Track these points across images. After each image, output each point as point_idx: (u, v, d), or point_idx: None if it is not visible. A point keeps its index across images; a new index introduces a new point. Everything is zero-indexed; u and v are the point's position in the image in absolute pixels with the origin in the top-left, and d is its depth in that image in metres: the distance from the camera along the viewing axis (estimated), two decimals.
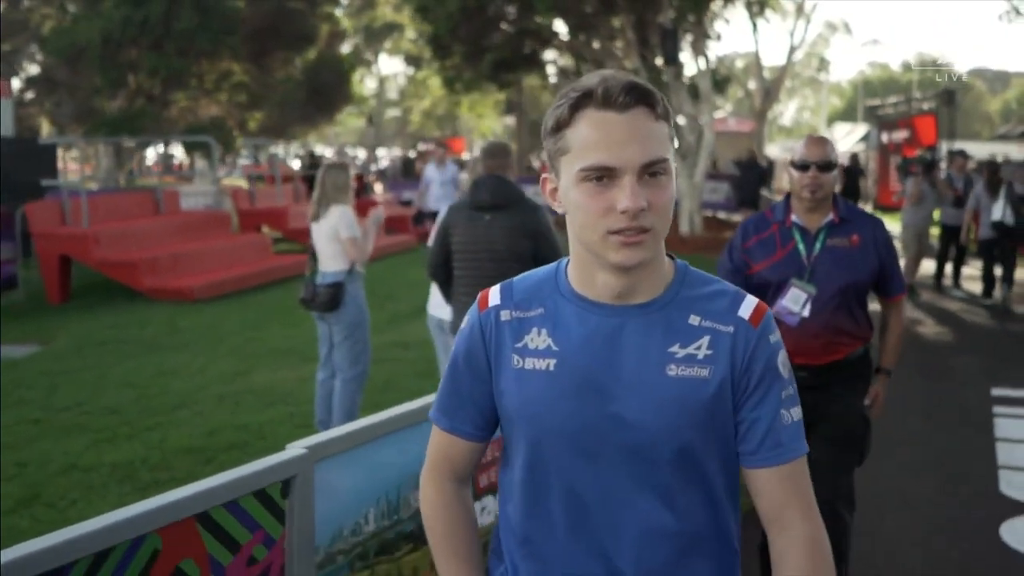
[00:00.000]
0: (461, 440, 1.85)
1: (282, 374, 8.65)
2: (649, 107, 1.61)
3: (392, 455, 3.00)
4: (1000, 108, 71.39)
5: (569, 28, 25.81)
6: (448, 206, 5.71)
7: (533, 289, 1.79)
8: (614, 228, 1.58)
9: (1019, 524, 5.19)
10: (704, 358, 1.67)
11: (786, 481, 1.70)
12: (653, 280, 1.70)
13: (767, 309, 1.74)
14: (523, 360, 1.73)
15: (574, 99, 1.62)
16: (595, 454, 1.68)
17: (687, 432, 1.66)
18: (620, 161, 1.56)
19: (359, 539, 2.92)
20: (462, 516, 1.89)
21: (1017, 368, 8.97)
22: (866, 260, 3.83)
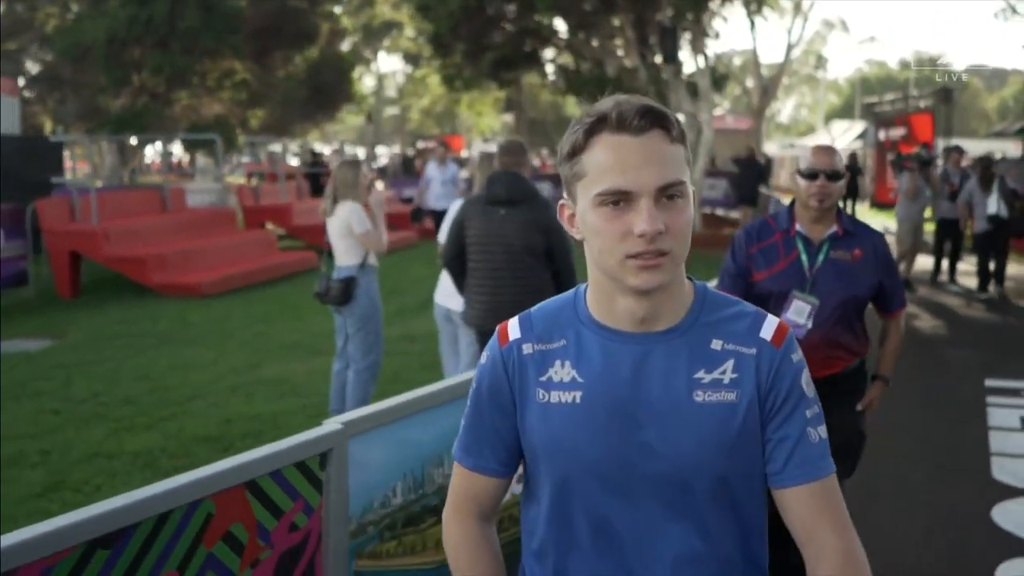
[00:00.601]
0: (486, 478, 1.82)
1: (292, 366, 8.84)
2: (664, 130, 1.60)
3: (417, 433, 3.20)
4: (997, 105, 71.53)
5: (569, 27, 25.98)
6: (464, 200, 5.89)
7: (553, 319, 1.76)
8: (632, 252, 1.57)
9: (1010, 507, 5.39)
10: (730, 382, 1.66)
11: (816, 499, 1.69)
12: (674, 304, 1.68)
13: (788, 329, 1.73)
14: (548, 394, 1.70)
15: (589, 124, 1.61)
16: (625, 485, 1.66)
17: (717, 458, 1.65)
18: (636, 185, 1.56)
19: (388, 511, 3.12)
20: (488, 556, 1.84)
21: (1011, 360, 9.17)
22: (867, 275, 3.81)
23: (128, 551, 2.22)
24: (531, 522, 1.80)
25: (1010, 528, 5.09)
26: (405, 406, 3.12)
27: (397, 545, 3.17)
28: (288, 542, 2.68)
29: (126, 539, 2.21)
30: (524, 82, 35.60)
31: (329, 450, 2.78)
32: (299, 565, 2.72)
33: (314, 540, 2.78)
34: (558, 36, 26.61)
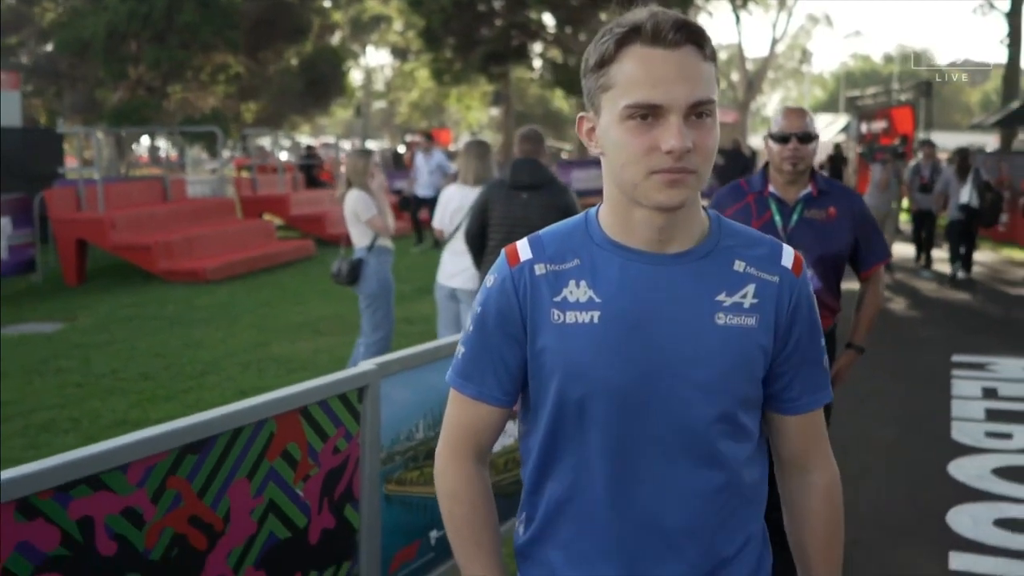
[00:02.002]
0: (488, 407, 1.74)
1: (300, 345, 9.31)
2: (698, 46, 1.54)
3: (437, 378, 3.68)
4: (980, 99, 72.15)
5: (557, 21, 26.45)
6: (486, 185, 6.36)
7: (564, 240, 1.71)
8: (657, 168, 1.52)
9: (964, 463, 5.91)
10: (750, 307, 1.64)
11: (813, 425, 1.75)
12: (691, 226, 1.65)
13: (803, 258, 1.74)
14: (563, 314, 1.64)
15: (620, 34, 1.54)
16: (643, 407, 1.62)
17: (736, 380, 1.64)
18: (668, 99, 1.50)
19: (412, 444, 3.62)
20: (484, 501, 1.78)
21: (976, 337, 9.73)
22: (842, 233, 3.82)
23: (210, 458, 2.71)
24: (536, 453, 1.74)
25: (963, 480, 5.62)
26: (429, 353, 3.62)
27: (419, 475, 3.67)
28: (332, 463, 3.17)
29: (209, 448, 2.70)
30: (512, 76, 36.07)
31: (366, 386, 3.28)
32: (340, 483, 3.21)
33: (352, 463, 3.27)
34: (546, 31, 27.06)
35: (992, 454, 6.08)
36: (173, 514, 2.60)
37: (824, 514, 1.78)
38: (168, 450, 2.58)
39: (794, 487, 1.79)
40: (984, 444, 6.28)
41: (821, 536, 1.78)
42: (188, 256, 13.85)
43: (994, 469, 5.78)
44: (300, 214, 18.16)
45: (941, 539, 4.77)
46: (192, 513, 2.66)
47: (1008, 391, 7.58)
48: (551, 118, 56.30)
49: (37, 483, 2.26)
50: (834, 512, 1.79)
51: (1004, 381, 7.90)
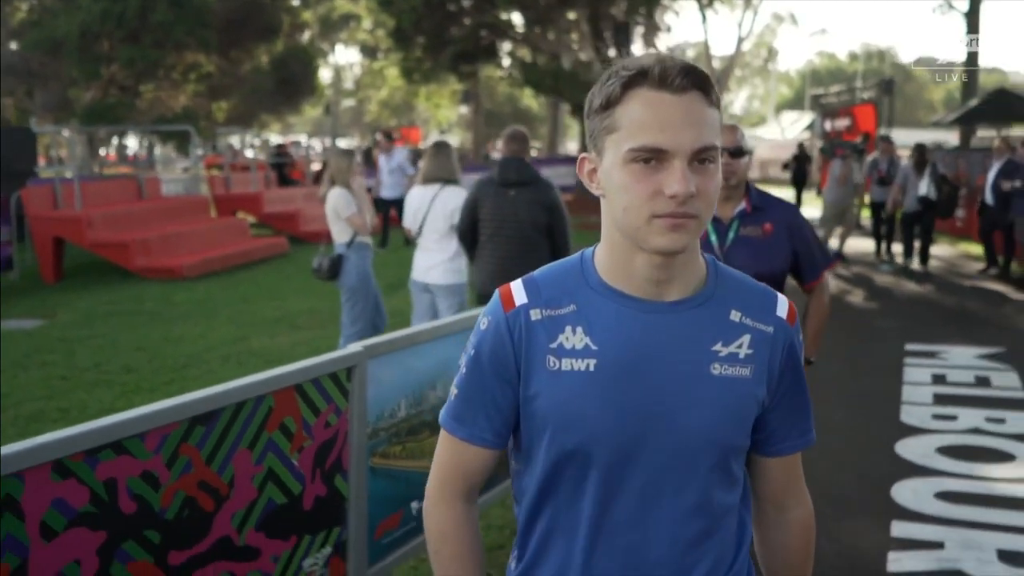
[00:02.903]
0: (478, 449, 1.75)
1: (278, 340, 9.59)
2: (704, 92, 1.56)
3: (418, 361, 4.01)
4: (944, 96, 73.09)
5: (526, 21, 26.76)
6: (475, 183, 6.69)
7: (559, 283, 1.69)
8: (660, 212, 1.52)
9: (910, 442, 6.30)
10: (745, 357, 1.65)
11: (793, 465, 1.80)
12: (690, 273, 1.65)
13: (794, 306, 1.76)
14: (559, 361, 1.64)
15: (627, 77, 1.56)
16: (636, 456, 1.63)
17: (730, 431, 1.65)
18: (673, 144, 1.51)
19: (394, 421, 3.93)
20: (472, 541, 1.79)
21: (930, 327, 10.17)
22: (780, 248, 3.81)
23: (216, 429, 3.01)
24: (530, 496, 1.74)
25: (908, 457, 6.00)
26: (412, 337, 3.94)
27: (401, 450, 3.98)
28: (324, 436, 3.48)
29: (215, 419, 3.00)
30: (482, 75, 36.37)
31: (354, 366, 3.59)
32: (331, 455, 3.52)
33: (342, 437, 3.58)
34: (515, 30, 27.36)
35: (937, 434, 6.46)
36: (184, 478, 2.90)
37: (799, 549, 1.84)
38: (180, 420, 2.88)
39: (770, 523, 1.84)
40: (930, 425, 6.67)
41: (795, 569, 1.85)
42: (165, 253, 14.08)
43: (938, 448, 6.17)
44: (273, 212, 18.44)
45: (885, 510, 5.14)
46: (201, 478, 2.96)
47: (956, 377, 7.99)
48: (520, 116, 56.67)
49: (70, 447, 2.55)
50: (807, 546, 1.85)
51: (953, 368, 8.31)
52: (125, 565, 2.72)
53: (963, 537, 4.78)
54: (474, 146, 38.92)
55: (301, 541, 3.39)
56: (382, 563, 3.91)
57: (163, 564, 2.83)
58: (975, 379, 7.94)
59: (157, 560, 2.81)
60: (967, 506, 5.19)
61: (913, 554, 4.60)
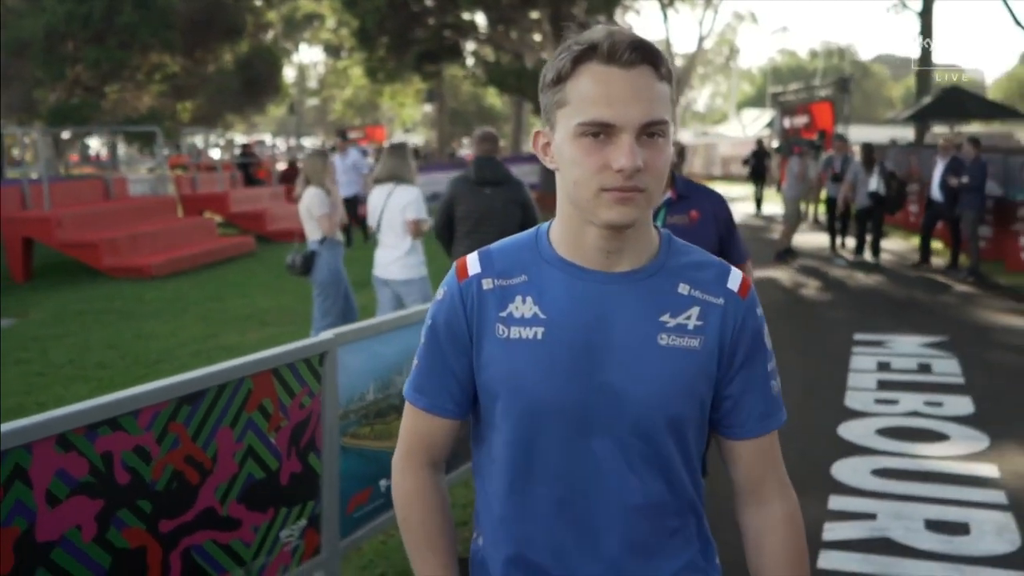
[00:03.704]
0: (440, 419, 1.77)
1: (247, 336, 9.84)
2: (654, 66, 1.55)
3: (386, 348, 4.31)
4: (903, 94, 74.08)
5: (489, 20, 27.03)
6: (450, 181, 6.99)
7: (513, 256, 1.72)
8: (608, 186, 1.53)
9: (852, 425, 6.66)
10: (694, 328, 1.65)
11: (765, 452, 1.74)
12: (641, 245, 1.66)
13: (751, 282, 1.75)
14: (508, 329, 1.66)
15: (577, 52, 1.56)
16: (584, 425, 1.64)
17: (677, 402, 1.64)
18: (621, 118, 1.52)
19: (364, 404, 4.23)
20: (438, 506, 1.81)
21: (877, 317, 10.59)
22: (706, 235, 3.93)
23: (201, 408, 3.29)
24: (484, 465, 1.77)
25: (849, 438, 6.36)
26: (379, 326, 4.23)
27: (370, 431, 4.28)
28: (298, 416, 3.77)
29: (200, 400, 3.29)
30: (446, 74, 36.62)
31: (325, 352, 3.88)
32: (305, 434, 3.81)
33: (315, 418, 3.87)
34: (479, 30, 27.62)
35: (878, 417, 6.84)
36: (173, 453, 3.18)
37: (786, 546, 1.74)
38: (169, 400, 3.16)
39: (752, 518, 1.77)
40: (872, 409, 7.04)
41: (784, 569, 1.74)
42: (133, 253, 14.28)
43: (878, 429, 6.54)
44: (240, 211, 18.66)
45: (824, 486, 5.49)
46: (187, 453, 3.25)
47: (899, 364, 8.38)
48: (484, 115, 56.96)
49: (72, 422, 2.83)
50: (796, 542, 1.75)
51: (897, 356, 8.70)
52: (120, 531, 3.00)
53: (894, 509, 5.14)
54: (439, 144, 39.20)
55: (278, 513, 3.68)
56: (353, 536, 4.20)
57: (154, 531, 3.11)
58: (918, 366, 8.33)
59: (149, 527, 3.09)
60: (900, 481, 5.56)
61: (847, 524, 4.95)
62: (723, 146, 47.64)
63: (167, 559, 3.17)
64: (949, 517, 5.04)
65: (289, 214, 19.46)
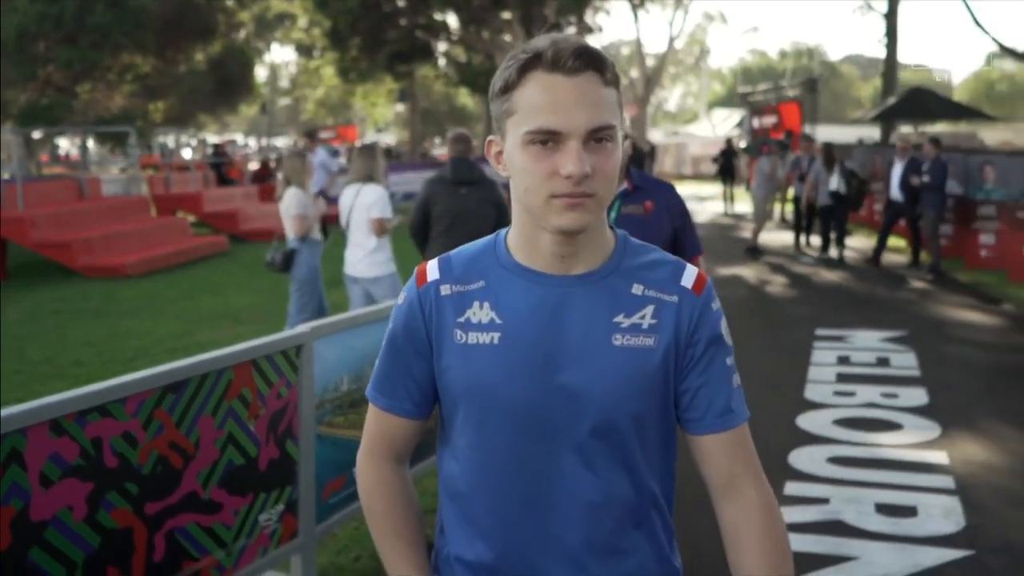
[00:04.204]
0: (400, 419, 1.81)
1: (222, 333, 9.98)
2: (599, 72, 1.58)
3: (359, 341, 4.50)
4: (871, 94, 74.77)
5: (461, 21, 27.23)
6: (426, 182, 7.18)
7: (472, 262, 1.75)
8: (557, 192, 1.56)
9: (811, 415, 6.91)
10: (649, 327, 1.67)
11: (734, 447, 1.72)
12: (595, 248, 1.69)
13: (707, 278, 1.75)
14: (466, 335, 1.69)
15: (523, 61, 1.58)
16: (544, 427, 1.66)
17: (635, 402, 1.66)
18: (566, 125, 1.54)
19: (338, 395, 4.42)
20: (402, 496, 1.85)
21: (839, 313, 10.89)
22: (660, 225, 4.04)
23: (185, 397, 3.48)
24: (446, 466, 1.80)
25: (807, 428, 6.61)
26: (353, 319, 4.43)
27: (344, 420, 4.47)
28: (276, 405, 3.96)
29: (184, 388, 3.47)
30: (418, 74, 36.77)
31: (302, 345, 4.07)
32: (283, 422, 4.00)
33: (292, 407, 4.06)
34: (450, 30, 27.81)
35: (836, 408, 7.09)
36: (158, 439, 3.36)
37: (763, 535, 1.69)
38: (154, 388, 3.34)
39: (727, 514, 1.73)
40: (831, 401, 7.30)
41: (764, 564, 1.67)
42: (107, 252, 14.39)
43: (835, 420, 6.79)
44: (213, 211, 18.78)
45: (781, 473, 5.72)
46: (172, 439, 3.43)
47: (859, 358, 8.65)
48: (456, 114, 57.14)
49: (64, 408, 3.01)
50: (774, 534, 1.70)
51: (857, 350, 8.97)
52: (109, 512, 3.17)
53: (847, 494, 5.38)
54: (411, 144, 39.34)
55: (257, 498, 3.87)
56: (328, 521, 4.39)
57: (140, 513, 3.29)
58: (876, 360, 8.60)
59: (135, 509, 3.27)
60: (854, 468, 5.80)
61: (801, 508, 5.18)
62: (693, 145, 48.03)
63: (152, 540, 3.35)
64: (898, 501, 5.28)
65: (262, 214, 19.63)
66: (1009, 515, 5.11)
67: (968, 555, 4.60)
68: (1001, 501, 5.31)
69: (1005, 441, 6.38)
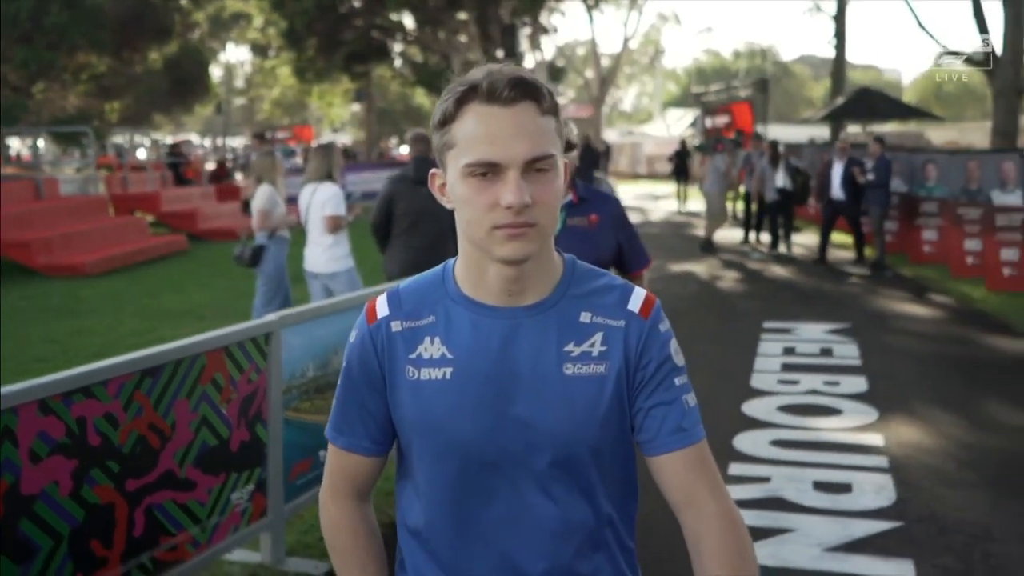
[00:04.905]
0: (360, 457, 1.80)
1: (184, 330, 10.08)
2: (535, 101, 1.59)
3: (324, 331, 4.74)
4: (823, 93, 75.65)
5: (417, 22, 27.43)
6: (388, 180, 7.40)
7: (422, 296, 1.74)
8: (499, 223, 1.56)
9: (755, 403, 7.23)
10: (599, 355, 1.67)
11: (691, 465, 1.69)
12: (542, 277, 1.68)
13: (656, 300, 1.75)
14: (418, 371, 1.69)
15: (460, 93, 1.59)
16: (499, 460, 1.66)
17: (590, 430, 1.66)
18: (504, 157, 1.55)
19: (304, 381, 4.65)
20: (365, 533, 1.84)
21: (786, 307, 11.29)
22: (606, 237, 4.05)
23: (162, 380, 3.70)
24: (405, 500, 1.80)
25: (752, 414, 6.93)
26: (318, 310, 4.68)
27: (310, 406, 4.70)
28: (247, 390, 4.19)
29: (161, 373, 3.70)
30: (374, 74, 36.90)
31: (270, 332, 4.31)
32: (253, 406, 4.23)
33: (262, 392, 4.29)
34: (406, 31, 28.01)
35: (780, 395, 7.42)
36: (137, 420, 3.59)
37: (725, 543, 1.65)
38: (134, 372, 3.57)
39: (688, 524, 1.70)
40: (775, 389, 7.63)
41: (724, 568, 1.63)
42: (67, 251, 14.47)
43: (779, 406, 7.11)
44: (171, 210, 18.89)
45: (726, 455, 6.01)
46: (150, 421, 3.65)
47: (803, 349, 9.00)
48: (412, 114, 57.24)
49: (51, 389, 3.23)
50: (736, 541, 1.66)
51: (802, 341, 9.33)
52: (92, 488, 3.39)
53: (788, 473, 5.70)
54: (367, 144, 39.46)
55: (229, 477, 4.10)
56: (296, 501, 4.63)
57: (121, 489, 3.51)
58: (820, 350, 8.96)
59: (116, 486, 3.49)
60: (795, 450, 6.12)
61: (744, 486, 5.48)
62: (648, 145, 48.52)
63: (132, 515, 3.57)
64: (835, 479, 5.60)
65: (220, 213, 19.74)
66: (936, 490, 5.45)
67: (897, 526, 4.93)
68: (930, 478, 5.65)
69: (938, 425, 6.73)
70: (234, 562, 4.53)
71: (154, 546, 3.68)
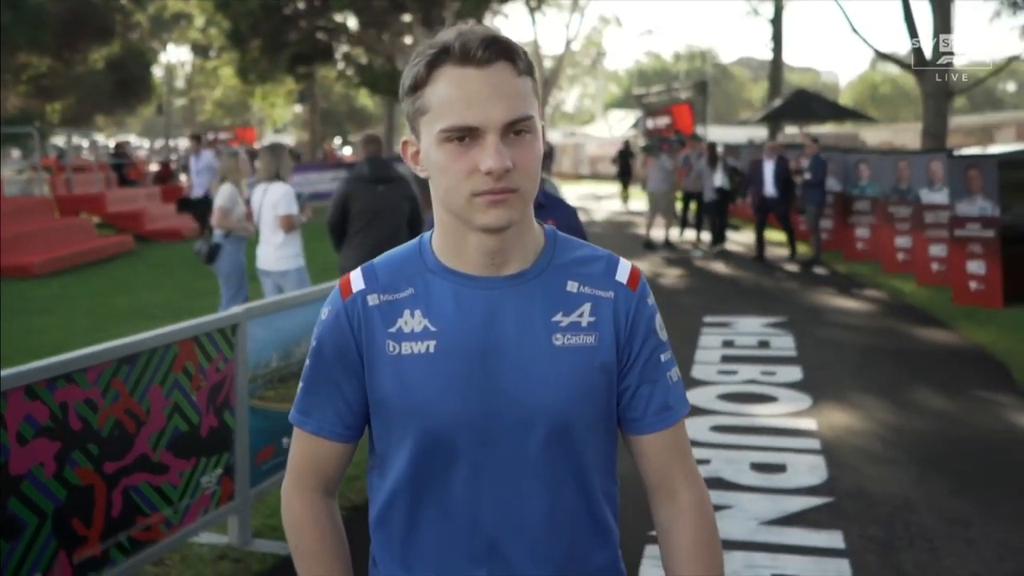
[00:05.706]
0: (330, 443, 1.69)
1: (137, 329, 10.05)
2: (511, 61, 1.51)
3: (286, 323, 4.97)
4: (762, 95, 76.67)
5: (361, 23, 27.54)
6: (344, 180, 7.62)
7: (397, 269, 1.66)
8: (479, 189, 1.49)
9: (697, 392, 7.55)
10: (588, 325, 1.61)
11: (670, 446, 1.67)
12: (524, 245, 1.62)
13: (641, 272, 1.71)
14: (399, 346, 1.60)
15: (431, 56, 1.51)
16: (486, 435, 1.59)
17: (581, 403, 1.60)
18: (482, 120, 1.47)
19: (268, 371, 4.88)
20: (331, 533, 1.73)
21: (726, 302, 11.68)
22: None
23: (137, 368, 3.91)
24: (381, 490, 1.69)
25: (693, 402, 7.14)
26: (280, 302, 4.91)
27: (274, 394, 4.93)
28: (215, 379, 4.41)
29: (136, 361, 3.91)
30: (318, 75, 36.92)
31: (237, 324, 4.53)
32: (221, 394, 4.45)
33: (229, 380, 4.51)
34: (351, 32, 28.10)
35: (719, 385, 7.76)
36: (115, 406, 3.80)
37: (694, 537, 1.66)
38: (112, 360, 3.78)
39: (660, 516, 1.70)
40: (715, 379, 7.97)
41: (694, 562, 1.65)
42: (14, 252, 14.44)
43: (718, 395, 7.45)
44: (117, 211, 18.91)
45: None
46: (127, 406, 3.86)
47: (742, 342, 9.37)
48: (355, 115, 57.28)
49: (36, 375, 3.44)
50: (704, 533, 1.67)
51: (740, 334, 9.70)
52: (73, 469, 3.60)
53: (726, 456, 6.02)
54: (311, 145, 39.45)
55: (199, 462, 4.32)
56: (261, 486, 4.86)
57: (100, 471, 3.72)
58: (758, 343, 9.33)
59: (96, 468, 3.70)
60: (733, 435, 6.45)
61: None
62: (591, 146, 49.00)
63: (110, 496, 3.78)
64: (770, 460, 5.93)
65: (166, 214, 19.76)
66: (865, 469, 5.81)
67: (828, 501, 5.26)
68: (860, 458, 6.01)
69: (868, 410, 7.11)
70: (203, 544, 4.74)
71: (130, 526, 3.89)
